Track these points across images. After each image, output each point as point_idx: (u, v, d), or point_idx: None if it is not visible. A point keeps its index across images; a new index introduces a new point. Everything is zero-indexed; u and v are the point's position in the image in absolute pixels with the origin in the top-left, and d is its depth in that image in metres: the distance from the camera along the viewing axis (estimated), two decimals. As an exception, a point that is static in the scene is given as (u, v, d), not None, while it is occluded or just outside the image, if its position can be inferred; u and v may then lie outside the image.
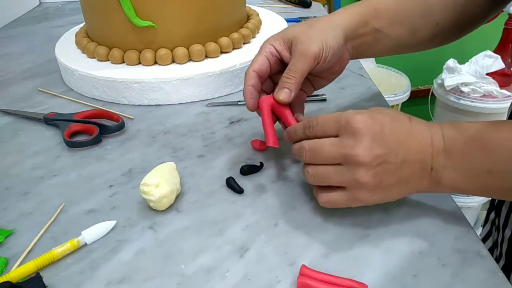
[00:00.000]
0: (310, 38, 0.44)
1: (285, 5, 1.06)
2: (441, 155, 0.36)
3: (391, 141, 0.37)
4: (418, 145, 0.37)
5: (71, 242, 0.39)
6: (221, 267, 0.37)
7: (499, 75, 1.38)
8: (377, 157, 0.36)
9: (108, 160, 0.52)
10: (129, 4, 0.61)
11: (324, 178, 0.38)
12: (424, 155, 0.37)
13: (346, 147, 0.36)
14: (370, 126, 0.36)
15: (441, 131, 0.37)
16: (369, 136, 0.36)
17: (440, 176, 0.37)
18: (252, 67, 0.46)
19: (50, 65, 0.77)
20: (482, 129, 0.36)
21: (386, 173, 0.36)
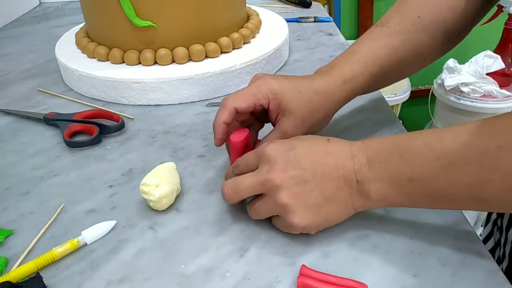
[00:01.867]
0: (301, 124, 0.45)
1: (285, 5, 1.06)
2: (365, 167, 0.37)
3: (306, 161, 0.38)
4: (337, 162, 0.38)
5: (71, 242, 0.39)
6: (221, 267, 0.37)
7: (499, 75, 1.38)
8: (293, 178, 0.37)
9: (108, 160, 0.52)
10: (129, 4, 0.61)
11: (257, 211, 0.40)
12: (346, 170, 0.37)
13: (263, 174, 0.38)
14: (283, 151, 0.38)
15: (363, 145, 0.38)
16: (282, 160, 0.37)
17: (367, 188, 0.36)
18: (236, 104, 0.44)
19: (50, 65, 0.77)
20: (402, 138, 0.37)
21: (307, 192, 0.37)
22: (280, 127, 0.45)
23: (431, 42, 0.49)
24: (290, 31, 0.78)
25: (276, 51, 0.70)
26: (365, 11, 1.81)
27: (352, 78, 0.46)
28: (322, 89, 0.46)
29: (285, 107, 0.44)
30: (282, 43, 0.71)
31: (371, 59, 0.47)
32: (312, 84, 0.46)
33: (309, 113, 0.45)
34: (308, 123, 0.45)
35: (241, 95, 0.44)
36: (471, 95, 1.39)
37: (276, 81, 0.45)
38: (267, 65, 0.69)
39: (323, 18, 0.94)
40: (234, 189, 0.40)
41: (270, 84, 0.45)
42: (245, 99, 0.44)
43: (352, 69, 0.47)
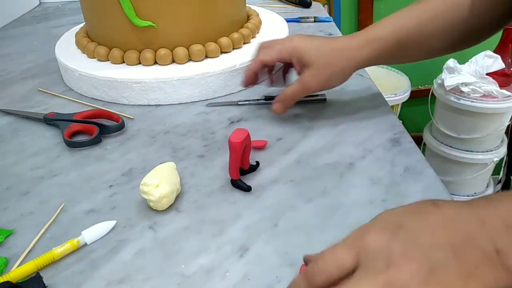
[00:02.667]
0: (319, 76, 0.52)
1: (285, 5, 1.06)
2: (504, 234, 0.27)
3: (426, 236, 0.28)
4: (464, 229, 0.28)
5: (71, 242, 0.39)
6: (221, 267, 0.37)
7: (499, 75, 1.38)
8: (422, 264, 0.27)
9: (108, 160, 0.52)
10: (129, 4, 0.61)
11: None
12: (480, 240, 0.28)
13: (378, 273, 0.27)
14: (388, 237, 0.28)
15: (489, 205, 0.29)
16: (397, 248, 0.28)
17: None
18: (263, 58, 0.54)
19: (50, 65, 0.77)
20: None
21: (445, 276, 0.27)
22: (301, 77, 0.53)
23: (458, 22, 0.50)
24: (290, 31, 0.78)
25: (276, 51, 0.70)
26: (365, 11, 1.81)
27: (376, 39, 0.51)
28: (341, 47, 0.52)
29: (305, 61, 0.52)
30: (282, 43, 0.71)
31: (398, 27, 0.51)
32: (333, 42, 0.53)
33: (326, 66, 0.51)
34: (324, 75, 0.52)
35: (268, 50, 0.54)
36: (471, 95, 1.39)
37: (300, 38, 0.53)
38: (267, 65, 0.68)
39: (323, 18, 0.94)
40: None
41: (294, 41, 0.53)
42: (271, 54, 0.53)
43: (377, 32, 0.51)
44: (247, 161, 0.47)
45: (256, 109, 0.61)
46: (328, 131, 0.55)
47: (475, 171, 1.50)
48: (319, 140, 0.53)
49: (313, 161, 0.50)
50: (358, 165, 0.49)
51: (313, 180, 0.47)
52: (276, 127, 0.57)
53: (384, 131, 0.54)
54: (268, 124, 0.57)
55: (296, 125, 0.57)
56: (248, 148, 0.46)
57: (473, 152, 1.48)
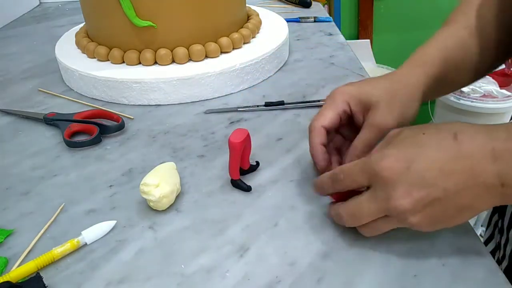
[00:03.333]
0: (391, 110, 0.42)
1: (285, 5, 1.06)
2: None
3: (431, 175, 0.32)
4: (473, 167, 0.31)
5: (71, 242, 0.39)
6: (221, 267, 0.37)
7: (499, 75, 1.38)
8: (421, 200, 0.32)
9: (108, 160, 0.52)
10: (129, 4, 0.61)
11: (376, 229, 0.36)
12: (486, 177, 0.31)
13: (383, 200, 0.33)
14: (400, 169, 0.32)
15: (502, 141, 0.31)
16: (402, 182, 0.32)
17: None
18: (322, 122, 0.43)
19: (50, 65, 0.77)
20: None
21: (439, 210, 0.32)
22: (369, 122, 0.42)
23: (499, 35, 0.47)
24: (290, 31, 0.78)
25: (276, 51, 0.70)
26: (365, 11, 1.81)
27: (425, 63, 0.45)
28: (396, 77, 0.44)
29: (366, 102, 0.43)
30: (282, 43, 0.71)
31: (443, 46, 0.46)
32: (385, 78, 0.45)
33: (392, 99, 0.42)
34: (395, 110, 0.42)
35: (321, 114, 0.44)
36: (471, 95, 1.40)
37: (347, 86, 0.44)
38: (267, 65, 0.69)
39: (323, 18, 0.94)
40: (353, 216, 0.36)
41: (343, 90, 0.44)
42: (326, 115, 0.43)
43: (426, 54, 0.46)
44: (247, 161, 0.47)
45: (256, 109, 0.61)
46: (328, 131, 0.55)
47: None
48: (319, 140, 0.53)
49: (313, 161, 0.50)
50: (358, 165, 0.49)
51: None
52: (276, 127, 0.57)
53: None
54: (268, 124, 0.57)
55: (296, 125, 0.57)
56: (248, 148, 0.46)
57: (473, 152, 1.48)
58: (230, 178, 0.46)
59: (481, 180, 0.31)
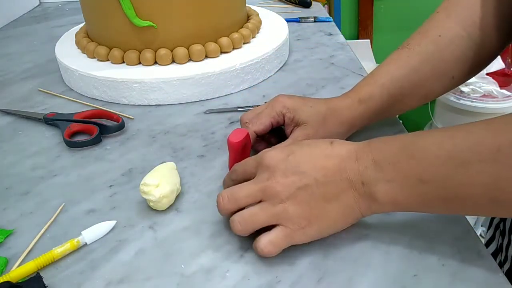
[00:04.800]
0: (314, 132, 0.46)
1: (285, 5, 1.06)
2: (371, 169, 0.35)
3: (306, 166, 0.37)
4: (340, 164, 0.36)
5: (71, 242, 0.39)
6: (221, 267, 0.37)
7: (499, 75, 1.38)
8: (293, 182, 0.36)
9: (108, 160, 0.52)
10: (129, 4, 0.61)
11: (252, 219, 0.37)
12: (350, 172, 0.36)
13: (262, 181, 0.37)
14: (282, 157, 0.37)
15: (368, 146, 0.36)
16: (282, 166, 0.37)
17: (374, 190, 0.35)
18: (256, 128, 0.47)
19: (50, 65, 0.77)
20: (409, 137, 0.35)
21: (309, 196, 0.36)
22: (293, 137, 0.46)
23: (456, 59, 0.48)
24: (290, 31, 0.78)
25: (276, 51, 0.70)
26: (365, 11, 1.81)
27: (369, 98, 0.48)
28: (335, 107, 0.48)
29: (298, 120, 0.47)
30: (282, 43, 0.71)
31: (389, 80, 0.48)
32: (326, 102, 0.48)
33: (321, 126, 0.47)
34: (320, 135, 0.46)
35: (258, 118, 0.47)
36: (471, 95, 1.39)
37: (289, 98, 0.48)
38: (267, 65, 0.69)
39: (323, 18, 0.94)
40: (230, 197, 0.38)
41: (283, 101, 0.47)
42: (262, 121, 0.47)
43: (369, 90, 0.48)
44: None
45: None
46: (328, 131, 0.55)
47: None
48: (319, 140, 0.53)
49: (313, 161, 0.50)
50: (358, 165, 0.49)
51: (313, 180, 0.47)
52: (276, 127, 0.56)
53: (384, 131, 0.54)
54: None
55: (296, 125, 0.57)
56: (247, 148, 0.46)
57: (473, 152, 1.48)
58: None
59: (345, 175, 0.36)
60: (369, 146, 0.37)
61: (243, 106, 0.61)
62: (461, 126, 0.34)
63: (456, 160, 0.32)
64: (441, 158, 0.32)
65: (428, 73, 0.48)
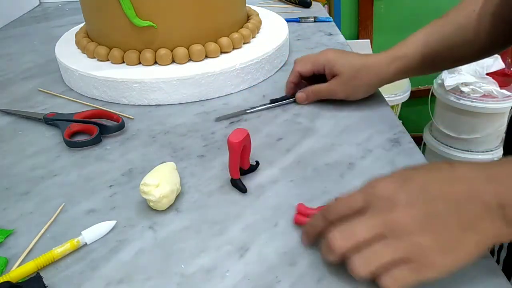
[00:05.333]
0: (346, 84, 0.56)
1: (285, 5, 1.06)
2: (510, 189, 0.31)
3: (432, 191, 0.32)
4: (471, 187, 0.31)
5: (71, 242, 0.39)
6: (221, 267, 0.37)
7: (499, 75, 1.38)
8: (422, 211, 0.31)
9: (108, 160, 0.52)
10: (129, 4, 0.61)
11: (376, 257, 0.31)
12: (484, 195, 0.31)
13: (381, 213, 0.31)
14: (397, 185, 0.32)
15: (502, 163, 0.32)
16: (403, 195, 0.32)
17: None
18: (300, 68, 0.59)
19: (50, 65, 0.77)
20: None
21: (443, 225, 0.31)
22: (328, 83, 0.58)
23: (486, 32, 0.51)
24: (290, 31, 0.78)
25: (276, 51, 0.70)
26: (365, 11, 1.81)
27: (403, 56, 0.54)
28: (369, 61, 0.56)
29: (335, 71, 0.56)
30: (282, 43, 0.71)
31: (422, 43, 0.54)
32: (363, 58, 0.56)
33: (353, 78, 0.56)
34: (350, 85, 0.56)
35: (305, 62, 0.59)
36: (471, 95, 1.39)
37: (333, 52, 0.58)
38: (267, 65, 0.69)
39: (323, 18, 0.94)
40: (344, 234, 0.32)
41: (327, 54, 0.58)
42: (307, 65, 0.59)
43: (404, 50, 0.55)
44: (247, 161, 0.47)
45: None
46: (328, 131, 0.55)
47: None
48: (319, 140, 0.53)
49: (313, 161, 0.50)
50: (358, 165, 0.49)
51: (313, 180, 0.47)
52: (276, 127, 0.57)
53: (384, 131, 0.54)
54: (268, 124, 0.57)
55: (296, 125, 0.57)
56: (247, 148, 0.46)
57: (473, 152, 1.49)
58: (230, 178, 0.46)
59: (479, 200, 0.31)
60: (502, 164, 0.32)
61: (251, 108, 0.60)
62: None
63: None
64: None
65: (459, 41, 0.53)
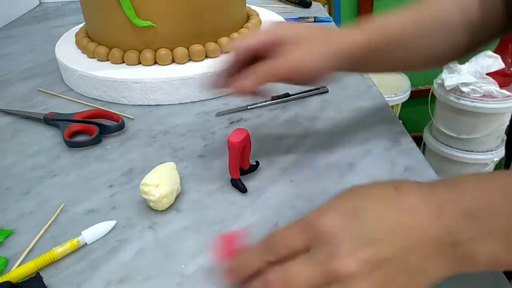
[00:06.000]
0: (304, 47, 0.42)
1: (285, 5, 1.06)
2: (462, 224, 0.27)
3: (379, 231, 0.28)
4: (419, 222, 0.28)
5: (71, 242, 0.39)
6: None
7: (499, 75, 1.38)
8: (368, 260, 0.27)
9: (108, 160, 0.52)
10: (129, 4, 0.61)
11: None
12: (433, 232, 0.27)
13: (323, 261, 0.27)
14: (344, 222, 0.28)
15: (452, 191, 0.29)
16: (347, 237, 0.27)
17: (471, 252, 0.27)
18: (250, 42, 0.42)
19: (50, 65, 0.77)
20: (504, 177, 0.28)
21: (389, 274, 0.27)
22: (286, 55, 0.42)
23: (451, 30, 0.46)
24: (290, 31, 0.78)
25: (276, 51, 0.70)
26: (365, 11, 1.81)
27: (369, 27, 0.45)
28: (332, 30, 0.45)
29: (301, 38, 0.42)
30: (282, 43, 0.71)
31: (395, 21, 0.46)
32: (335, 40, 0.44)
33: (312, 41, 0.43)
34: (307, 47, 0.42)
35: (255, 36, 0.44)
36: (471, 95, 1.39)
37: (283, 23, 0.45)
38: (267, 65, 0.68)
39: (323, 18, 0.94)
40: (283, 282, 0.28)
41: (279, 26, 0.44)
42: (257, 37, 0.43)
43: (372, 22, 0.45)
44: (247, 161, 0.47)
45: (256, 109, 0.61)
46: (328, 131, 0.55)
47: (475, 171, 1.49)
48: (319, 140, 0.53)
49: (313, 161, 0.50)
50: (358, 165, 0.49)
51: (313, 180, 0.47)
52: (276, 127, 0.57)
53: (384, 131, 0.54)
54: (268, 124, 0.57)
55: (296, 125, 0.57)
56: (248, 148, 0.46)
57: (473, 152, 1.49)
58: (230, 178, 0.46)
59: (428, 238, 0.27)
60: (453, 190, 0.29)
61: (252, 104, 0.61)
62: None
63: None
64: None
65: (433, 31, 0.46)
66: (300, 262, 0.28)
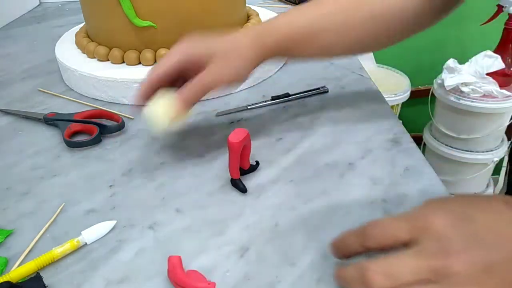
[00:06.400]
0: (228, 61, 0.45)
1: (285, 5, 1.06)
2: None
3: (491, 237, 0.28)
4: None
5: (71, 242, 0.39)
6: (221, 267, 0.37)
7: (499, 75, 1.38)
8: (476, 262, 0.27)
9: (108, 160, 0.52)
10: (129, 4, 0.61)
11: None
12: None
13: (432, 256, 0.28)
14: (452, 222, 0.29)
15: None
16: (458, 237, 0.28)
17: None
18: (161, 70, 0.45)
19: (50, 65, 0.77)
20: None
21: (498, 280, 0.27)
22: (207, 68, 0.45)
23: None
24: (290, 31, 0.77)
25: (276, 51, 0.70)
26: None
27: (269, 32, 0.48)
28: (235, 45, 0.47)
29: (209, 53, 0.46)
30: (282, 43, 0.71)
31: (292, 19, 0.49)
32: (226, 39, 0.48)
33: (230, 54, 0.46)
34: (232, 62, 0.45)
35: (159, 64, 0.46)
36: (471, 95, 1.39)
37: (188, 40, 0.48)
38: (267, 65, 0.68)
39: (323, 18, 0.94)
40: (387, 275, 0.28)
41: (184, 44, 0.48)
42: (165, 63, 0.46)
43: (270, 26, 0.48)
44: (247, 161, 0.47)
45: (256, 109, 0.61)
46: (328, 131, 0.55)
47: (475, 171, 1.50)
48: (319, 140, 0.53)
49: (313, 161, 0.50)
50: (358, 165, 0.49)
51: (313, 180, 0.47)
52: (276, 127, 0.57)
53: (384, 131, 0.54)
54: (268, 124, 0.57)
55: (296, 125, 0.57)
56: (248, 148, 0.46)
57: (473, 152, 1.48)
58: (230, 178, 0.46)
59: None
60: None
61: (252, 104, 0.61)
62: None
63: None
64: None
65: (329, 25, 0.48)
66: (406, 254, 0.28)
